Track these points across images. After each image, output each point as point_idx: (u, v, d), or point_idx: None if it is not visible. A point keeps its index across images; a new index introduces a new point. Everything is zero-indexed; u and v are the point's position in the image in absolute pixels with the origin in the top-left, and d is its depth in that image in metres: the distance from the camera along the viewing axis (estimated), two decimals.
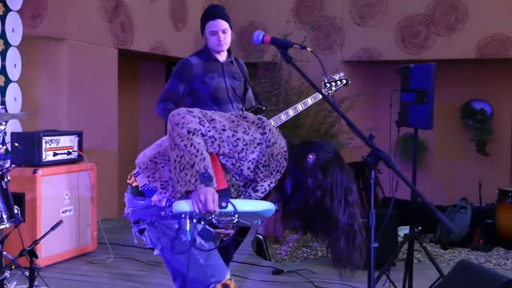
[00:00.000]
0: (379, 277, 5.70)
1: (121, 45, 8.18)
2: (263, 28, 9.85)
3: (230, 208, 2.52)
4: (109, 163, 7.76)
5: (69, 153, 5.74)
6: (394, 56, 9.49)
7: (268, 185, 2.75)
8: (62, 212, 5.62)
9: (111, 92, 8.04)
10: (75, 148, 5.84)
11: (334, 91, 5.33)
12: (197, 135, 2.53)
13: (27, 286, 3.99)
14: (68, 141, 5.77)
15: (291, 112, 4.92)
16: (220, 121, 2.63)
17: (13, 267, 3.92)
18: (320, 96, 4.83)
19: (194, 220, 2.53)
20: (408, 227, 6.53)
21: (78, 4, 7.48)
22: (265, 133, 2.67)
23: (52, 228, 4.03)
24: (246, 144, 2.64)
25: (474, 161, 10.03)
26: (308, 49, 2.95)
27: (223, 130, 2.62)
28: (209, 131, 2.58)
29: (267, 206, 2.71)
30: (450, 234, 8.46)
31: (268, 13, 9.99)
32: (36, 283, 3.96)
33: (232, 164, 2.67)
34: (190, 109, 2.61)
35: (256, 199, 2.79)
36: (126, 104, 9.07)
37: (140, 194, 2.73)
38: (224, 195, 2.53)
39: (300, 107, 5.10)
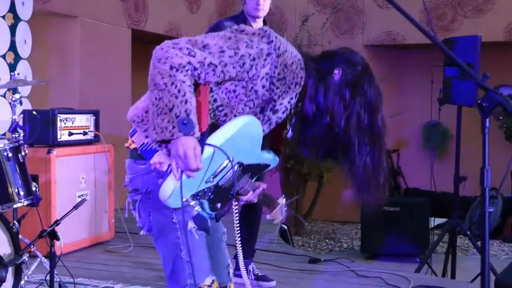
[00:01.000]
0: (420, 267, 5.33)
1: (134, 25, 7.75)
2: (280, 11, 9.50)
3: (208, 151, 2.14)
4: (124, 148, 7.32)
5: (85, 133, 5.32)
6: (418, 40, 9.04)
7: (288, 102, 2.30)
8: (78, 197, 5.19)
9: (125, 74, 7.62)
10: (92, 128, 5.41)
11: None
12: (182, 72, 2.09)
13: (46, 274, 3.59)
14: (84, 120, 5.34)
15: None
16: (215, 44, 2.17)
17: (31, 250, 3.48)
18: None
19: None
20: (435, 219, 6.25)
21: None
22: (271, 41, 2.22)
23: (75, 207, 3.61)
24: (254, 59, 2.19)
25: (502, 149, 9.59)
26: None
27: (222, 52, 2.16)
28: (204, 58, 2.12)
29: (245, 120, 2.25)
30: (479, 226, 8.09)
31: None
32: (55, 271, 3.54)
33: (244, 87, 2.23)
34: (176, 41, 2.16)
35: (277, 122, 2.35)
36: (139, 86, 8.63)
37: (140, 158, 2.29)
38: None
39: None
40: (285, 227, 6.84)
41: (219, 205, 2.31)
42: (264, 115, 2.29)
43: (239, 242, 2.52)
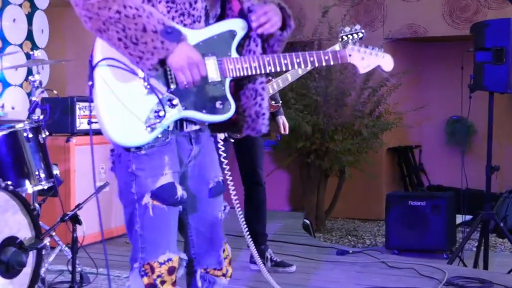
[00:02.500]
0: (452, 259, 5.15)
1: None
2: (299, 5, 9.34)
3: None
4: None
5: None
6: (441, 32, 8.87)
7: None
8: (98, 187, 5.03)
9: None
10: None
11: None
12: None
13: (67, 261, 3.44)
14: None
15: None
16: None
17: (52, 235, 3.32)
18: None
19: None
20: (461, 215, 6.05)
21: None
22: None
23: (97, 191, 3.44)
24: None
25: None
26: None
27: None
28: None
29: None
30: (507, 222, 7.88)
31: None
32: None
33: None
34: None
35: None
36: None
37: None
38: None
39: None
40: (308, 221, 6.70)
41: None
42: None
43: (246, 228, 2.36)
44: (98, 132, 5.12)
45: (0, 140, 3.29)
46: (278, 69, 2.21)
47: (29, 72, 5.64)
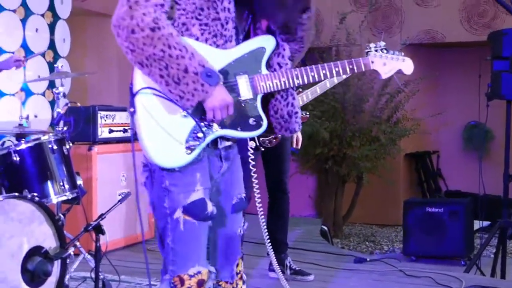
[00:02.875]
0: (470, 267, 5.16)
1: None
2: (317, 11, 9.37)
3: None
4: None
5: (125, 131, 5.25)
6: (458, 38, 8.88)
7: None
8: (119, 195, 5.11)
9: None
10: (132, 125, 5.33)
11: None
12: (161, 24, 1.99)
13: (91, 270, 3.51)
14: (124, 117, 5.27)
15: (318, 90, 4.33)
16: None
17: (76, 244, 3.40)
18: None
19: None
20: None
21: None
22: None
23: (120, 201, 3.52)
24: None
25: None
26: None
27: None
28: None
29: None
30: None
31: None
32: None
33: None
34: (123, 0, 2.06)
35: None
36: None
37: None
38: None
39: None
40: (325, 228, 6.73)
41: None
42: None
43: (267, 235, 2.46)
44: (119, 141, 5.23)
45: (26, 152, 3.38)
46: (306, 82, 2.30)
47: (52, 81, 5.74)
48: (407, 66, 2.47)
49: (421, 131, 7.99)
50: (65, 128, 3.65)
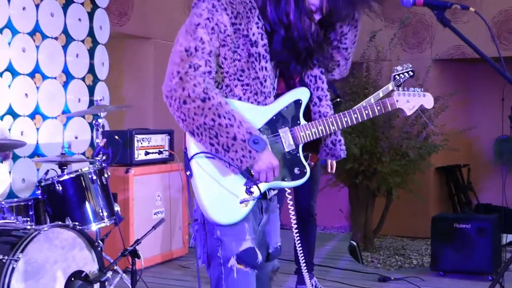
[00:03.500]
0: (494, 285, 5.28)
1: None
2: None
3: None
4: None
5: (160, 152, 5.52)
6: (488, 53, 8.83)
7: (257, 27, 2.34)
8: (154, 214, 5.40)
9: None
10: (166, 147, 5.62)
11: (402, 82, 5.01)
12: (211, 93, 2.16)
13: None
14: (159, 140, 5.54)
15: (372, 100, 4.56)
16: (194, 39, 2.25)
17: (114, 268, 3.66)
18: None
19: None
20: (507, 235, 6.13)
21: (163, 3, 7.32)
22: None
23: (154, 227, 3.77)
24: (211, 19, 2.25)
25: None
26: (471, 9, 2.53)
27: (201, 41, 2.23)
28: (205, 61, 2.21)
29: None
30: None
31: None
32: None
33: (224, 45, 2.28)
34: (174, 71, 2.22)
35: (267, 51, 2.38)
36: None
37: None
38: None
39: (381, 94, 4.75)
40: (354, 243, 6.89)
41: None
42: (251, 55, 2.31)
43: (301, 254, 2.55)
44: (154, 162, 5.48)
45: (68, 182, 3.67)
46: (341, 127, 2.48)
47: (91, 103, 6.04)
48: (428, 100, 2.66)
49: (450, 147, 8.08)
50: (104, 158, 3.92)
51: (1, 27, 5.20)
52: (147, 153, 5.36)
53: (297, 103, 2.43)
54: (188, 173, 2.27)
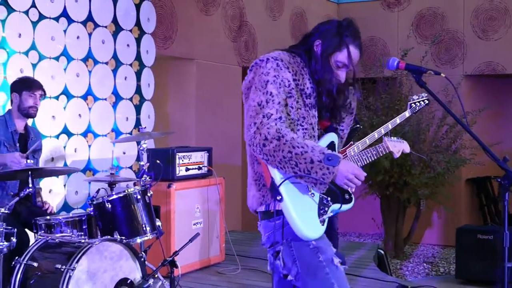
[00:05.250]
0: None
1: (244, 63, 8.48)
2: (383, 43, 9.96)
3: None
4: (233, 177, 8.03)
5: (199, 168, 6.03)
6: None
7: (310, 82, 2.82)
8: (193, 225, 5.91)
9: (235, 109, 8.35)
10: (205, 164, 6.12)
11: (418, 110, 5.35)
12: (283, 132, 2.56)
13: None
14: (199, 157, 6.06)
15: (390, 126, 4.93)
16: (263, 94, 2.66)
17: (156, 276, 4.19)
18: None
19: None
20: None
21: (205, 25, 7.85)
22: (268, 59, 2.74)
23: (190, 240, 4.28)
24: (278, 76, 2.69)
25: None
26: (442, 75, 2.97)
27: (270, 95, 2.65)
28: (276, 110, 2.62)
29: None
30: None
31: (388, 28, 10.03)
32: None
33: (289, 97, 2.72)
34: (251, 123, 2.62)
35: (315, 101, 2.87)
36: None
37: (270, 216, 2.73)
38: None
39: (398, 120, 5.11)
40: (382, 252, 7.27)
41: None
42: (306, 105, 2.75)
43: None
44: (194, 177, 6.00)
45: (116, 201, 4.23)
46: (364, 163, 2.99)
47: (138, 122, 6.61)
48: (406, 146, 3.26)
49: (477, 161, 8.39)
50: (148, 179, 4.45)
51: (58, 55, 5.79)
52: (187, 169, 5.89)
53: (333, 144, 2.88)
54: (279, 197, 2.62)
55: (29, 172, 3.75)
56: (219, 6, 8.12)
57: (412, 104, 5.17)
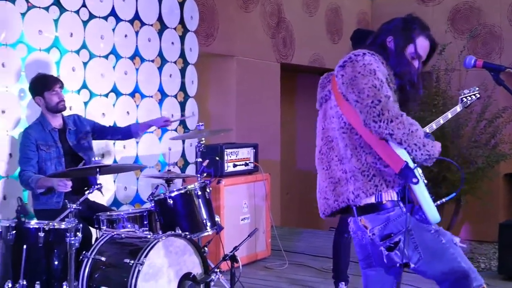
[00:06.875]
0: None
1: (283, 59, 8.52)
2: None
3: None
4: (272, 173, 8.07)
5: (246, 164, 6.09)
6: None
7: (394, 75, 2.90)
8: (241, 220, 5.98)
9: (274, 104, 8.41)
10: (252, 160, 6.18)
11: (469, 105, 5.34)
12: (400, 111, 2.68)
13: None
14: (245, 153, 6.12)
15: (441, 121, 4.93)
16: (375, 79, 2.74)
17: (218, 270, 4.25)
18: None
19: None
20: None
21: (245, 23, 7.91)
22: (364, 53, 2.81)
23: (250, 235, 4.34)
24: (379, 66, 2.81)
25: None
26: None
27: (381, 81, 2.73)
28: (387, 91, 2.70)
29: None
30: None
31: None
32: None
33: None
34: (375, 110, 2.67)
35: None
36: (285, 115, 9.42)
37: (378, 209, 2.79)
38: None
39: (449, 115, 5.13)
40: None
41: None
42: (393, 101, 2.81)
43: None
44: (241, 173, 6.07)
45: (177, 198, 4.30)
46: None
47: (183, 120, 6.68)
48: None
49: None
50: (205, 176, 4.52)
51: (107, 53, 5.88)
52: (235, 165, 5.95)
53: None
54: (415, 180, 2.70)
55: (97, 169, 3.81)
56: (258, 3, 8.17)
57: (463, 99, 5.18)
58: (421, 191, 2.71)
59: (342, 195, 2.84)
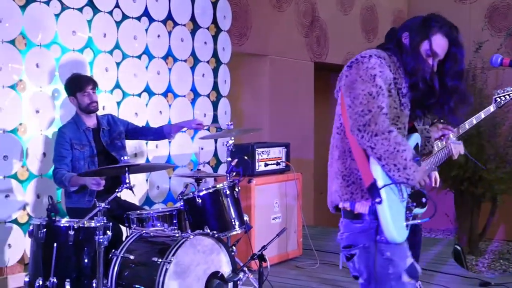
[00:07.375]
0: None
1: (316, 58, 8.51)
2: None
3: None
4: (305, 172, 8.07)
5: (278, 164, 6.10)
6: None
7: (405, 82, 2.83)
8: (272, 219, 5.99)
9: (308, 104, 8.40)
10: (283, 159, 6.19)
11: (503, 104, 5.24)
12: (391, 127, 2.62)
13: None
14: (277, 152, 6.13)
15: (474, 121, 4.85)
16: (372, 86, 2.67)
17: (246, 269, 4.27)
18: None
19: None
20: None
21: (279, 22, 7.91)
22: (370, 56, 2.72)
23: (278, 235, 4.35)
24: (382, 71, 2.71)
25: None
26: None
27: (380, 88, 2.67)
28: (381, 101, 2.64)
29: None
30: None
31: (459, 20, 9.80)
32: None
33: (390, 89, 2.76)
34: (363, 120, 2.62)
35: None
36: (319, 114, 9.40)
37: (356, 217, 2.75)
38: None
39: (482, 115, 5.03)
40: (459, 248, 7.20)
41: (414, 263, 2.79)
42: (401, 105, 2.79)
43: None
44: (272, 172, 6.08)
45: (206, 197, 4.34)
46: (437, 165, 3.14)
47: (215, 118, 6.72)
48: (462, 148, 3.38)
49: None
50: (234, 175, 4.54)
51: (140, 53, 5.95)
52: (266, 165, 5.96)
53: (417, 145, 2.95)
54: (378, 200, 2.65)
55: (126, 168, 3.86)
56: (291, 2, 8.17)
57: (497, 98, 5.08)
58: (383, 211, 2.64)
59: (331, 194, 2.85)
